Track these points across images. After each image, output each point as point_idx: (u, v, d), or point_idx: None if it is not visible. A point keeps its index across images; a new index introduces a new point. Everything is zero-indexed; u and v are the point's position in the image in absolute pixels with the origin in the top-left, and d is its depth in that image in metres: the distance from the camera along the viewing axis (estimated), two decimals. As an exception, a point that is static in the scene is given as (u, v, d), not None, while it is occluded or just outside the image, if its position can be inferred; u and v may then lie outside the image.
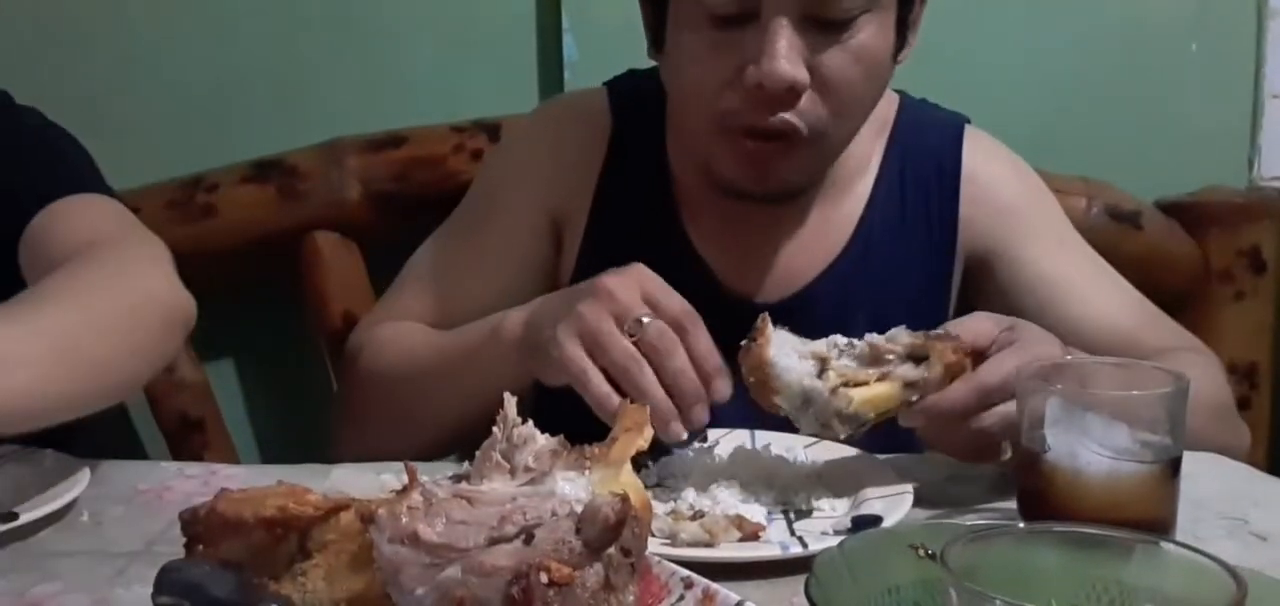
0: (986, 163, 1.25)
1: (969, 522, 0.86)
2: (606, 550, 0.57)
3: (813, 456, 1.02)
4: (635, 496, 0.60)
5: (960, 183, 1.23)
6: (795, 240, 1.20)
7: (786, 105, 1.05)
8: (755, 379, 0.92)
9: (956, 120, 1.27)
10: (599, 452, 0.63)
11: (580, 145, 1.25)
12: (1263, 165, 1.76)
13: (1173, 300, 1.31)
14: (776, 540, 0.85)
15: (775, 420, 0.97)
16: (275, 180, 1.55)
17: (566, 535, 0.57)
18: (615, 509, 0.57)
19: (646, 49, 1.17)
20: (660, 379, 0.92)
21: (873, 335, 0.93)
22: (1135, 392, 0.83)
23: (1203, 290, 1.68)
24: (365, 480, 0.90)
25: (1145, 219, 1.66)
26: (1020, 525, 0.77)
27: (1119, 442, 0.80)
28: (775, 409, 0.92)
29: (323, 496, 0.64)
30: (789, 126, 1.06)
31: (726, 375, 0.95)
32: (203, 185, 1.55)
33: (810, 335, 0.94)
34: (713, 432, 1.05)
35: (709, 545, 0.82)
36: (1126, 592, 0.62)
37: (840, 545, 0.73)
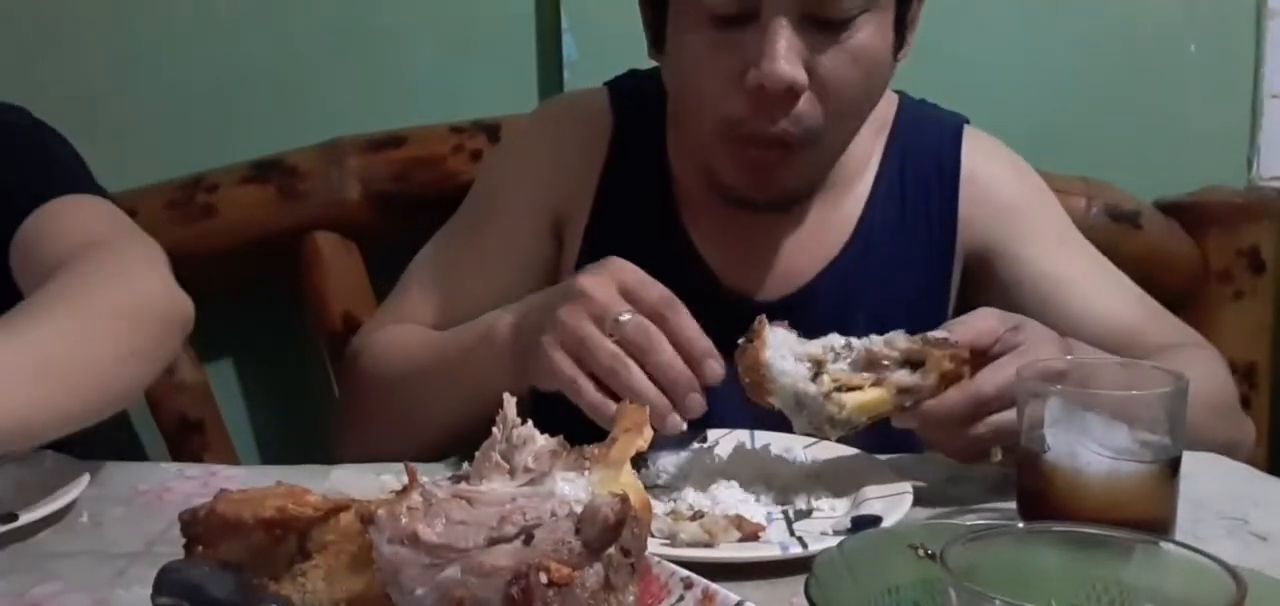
0: (986, 162, 1.25)
1: (969, 522, 0.86)
2: (606, 550, 0.57)
3: (813, 456, 1.01)
4: (635, 496, 0.60)
5: (960, 182, 1.23)
6: (795, 240, 1.20)
7: (786, 107, 1.05)
8: (750, 379, 0.92)
9: (956, 120, 1.27)
10: (599, 453, 0.63)
11: (581, 145, 1.25)
12: (1262, 165, 1.76)
13: (1172, 300, 1.31)
14: (776, 540, 0.85)
15: (775, 420, 0.96)
16: (275, 180, 1.55)
17: (566, 535, 0.57)
18: (615, 509, 0.57)
19: (647, 49, 1.17)
20: (649, 373, 0.92)
21: (871, 338, 0.92)
22: (1135, 392, 0.83)
23: (1202, 290, 1.68)
24: (365, 481, 0.90)
25: (1145, 219, 1.66)
26: (1020, 525, 0.76)
27: (1119, 442, 0.79)
28: (769, 406, 0.92)
29: (322, 497, 0.64)
30: (789, 134, 1.06)
31: (716, 356, 0.94)
32: (203, 185, 1.55)
33: (810, 334, 0.94)
34: (712, 432, 1.05)
35: (709, 545, 0.82)
36: (1126, 592, 0.62)
37: (840, 545, 0.73)
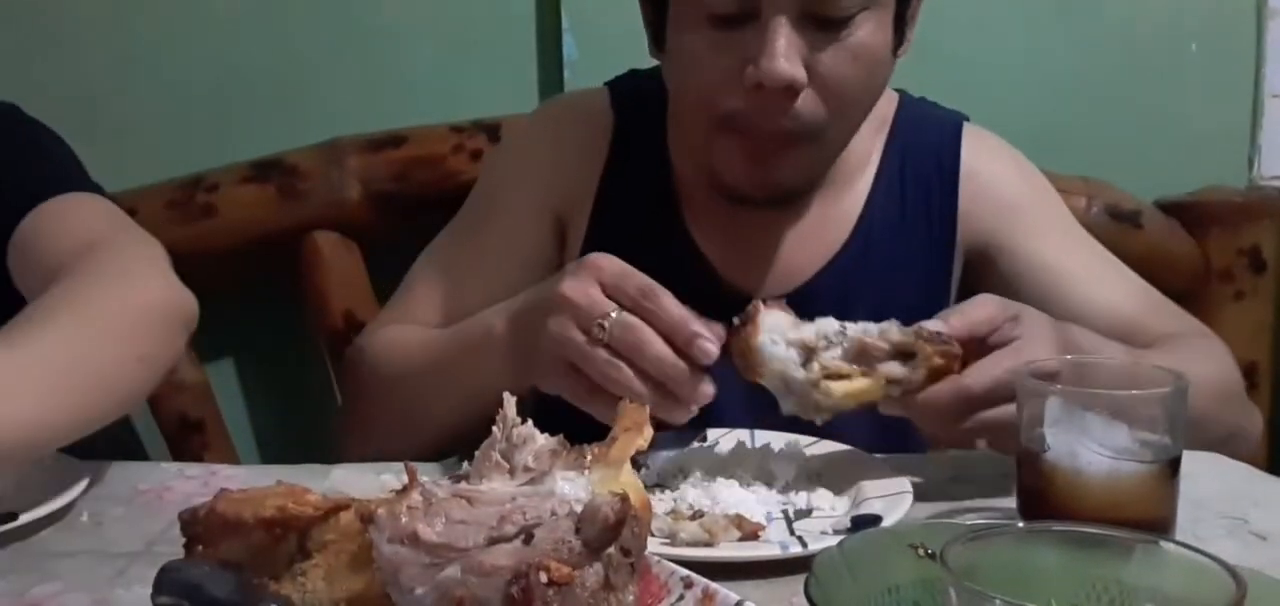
0: (986, 158, 1.25)
1: (969, 522, 0.86)
2: (606, 550, 0.57)
3: (813, 455, 1.01)
4: (635, 496, 0.60)
5: (960, 178, 1.23)
6: (796, 236, 1.20)
7: (786, 104, 1.05)
8: (742, 361, 0.93)
9: (955, 117, 1.27)
10: (599, 452, 0.63)
11: (582, 144, 1.25)
12: (1263, 165, 1.76)
13: (1173, 300, 1.31)
14: (776, 540, 0.85)
15: (775, 420, 0.97)
16: (275, 180, 1.55)
17: (566, 535, 0.57)
18: (615, 508, 0.57)
19: (647, 48, 1.17)
20: (645, 370, 0.92)
21: (865, 327, 0.92)
22: (1135, 392, 0.83)
23: (1203, 290, 1.68)
24: (365, 480, 0.90)
25: (1145, 219, 1.66)
26: (1020, 525, 0.76)
27: (1119, 442, 0.79)
28: (758, 382, 0.93)
29: (322, 496, 0.64)
30: (789, 129, 1.06)
31: (706, 335, 0.92)
32: (203, 185, 1.55)
33: None
34: (712, 432, 1.06)
35: (709, 545, 0.82)
36: (1126, 592, 0.62)
37: (840, 545, 0.73)
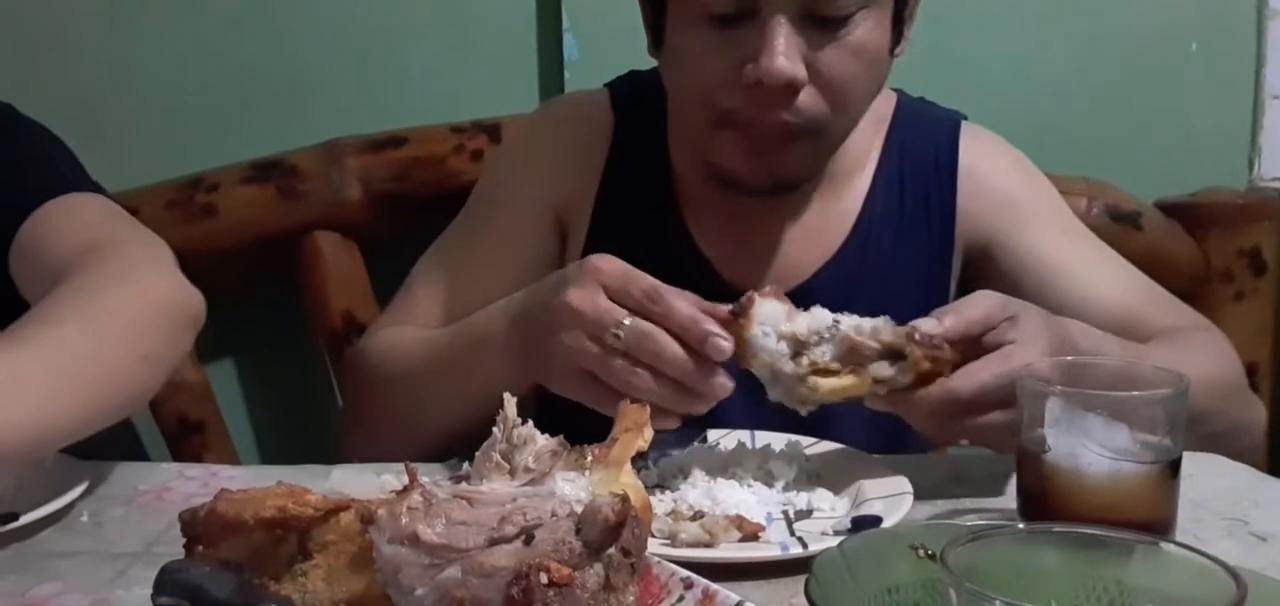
0: (983, 156, 1.25)
1: (969, 523, 0.86)
2: (606, 550, 0.57)
3: (812, 456, 1.02)
4: (635, 496, 0.60)
5: (958, 176, 1.23)
6: (795, 235, 1.20)
7: (785, 101, 1.05)
8: (735, 349, 0.93)
9: (953, 116, 1.28)
10: (599, 453, 0.63)
11: (582, 144, 1.25)
12: (1263, 165, 1.76)
13: (1173, 300, 1.31)
14: (776, 540, 0.85)
15: (775, 420, 0.97)
16: (275, 180, 1.55)
17: (566, 535, 0.57)
18: (615, 509, 0.57)
19: (647, 48, 1.17)
20: (662, 373, 0.92)
21: (858, 323, 0.92)
22: (1136, 394, 0.83)
23: (1203, 291, 1.67)
24: (365, 480, 0.90)
25: (1145, 219, 1.66)
26: (1020, 525, 0.76)
27: (1119, 443, 0.79)
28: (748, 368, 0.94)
29: (322, 497, 0.64)
30: (789, 123, 1.06)
31: (718, 332, 0.92)
32: (203, 185, 1.55)
33: None
34: (713, 433, 1.06)
35: (709, 545, 0.82)
36: (1126, 593, 0.62)
37: (840, 545, 0.73)
